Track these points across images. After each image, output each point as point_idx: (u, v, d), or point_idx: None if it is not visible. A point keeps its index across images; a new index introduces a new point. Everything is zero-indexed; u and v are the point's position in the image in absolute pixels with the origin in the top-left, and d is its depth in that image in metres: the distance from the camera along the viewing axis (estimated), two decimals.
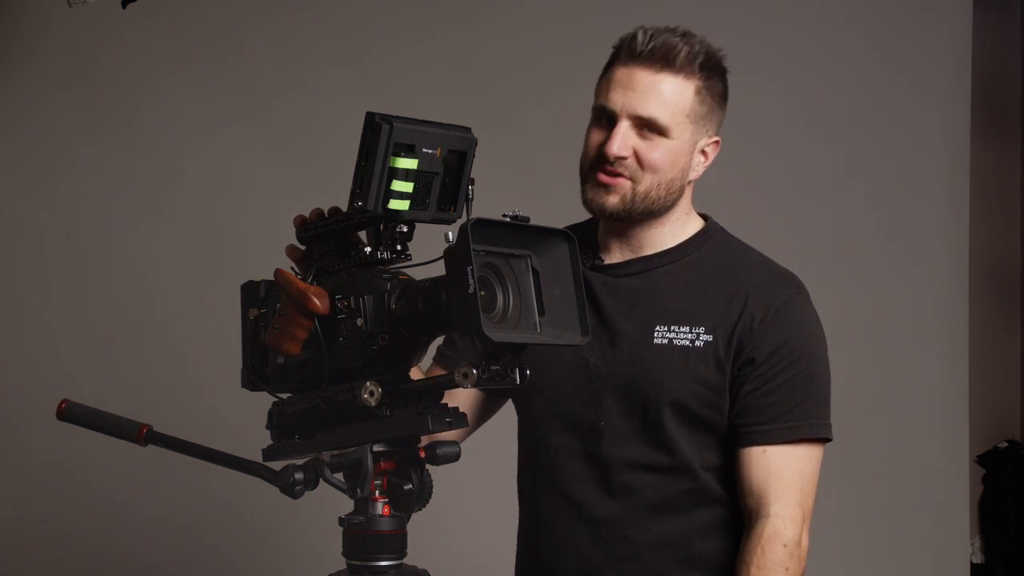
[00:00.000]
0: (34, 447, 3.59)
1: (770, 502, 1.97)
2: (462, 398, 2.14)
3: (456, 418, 1.80)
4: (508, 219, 1.73)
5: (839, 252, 3.98)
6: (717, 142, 2.08)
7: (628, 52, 2.00)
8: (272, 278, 1.84)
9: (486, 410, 2.25)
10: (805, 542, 1.98)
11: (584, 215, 2.16)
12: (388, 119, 1.71)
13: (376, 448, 1.79)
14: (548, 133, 3.81)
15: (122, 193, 3.67)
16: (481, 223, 1.67)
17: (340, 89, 3.70)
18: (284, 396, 1.90)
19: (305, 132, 3.71)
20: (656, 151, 1.99)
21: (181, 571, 3.63)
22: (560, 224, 1.79)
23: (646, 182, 1.99)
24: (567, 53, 3.80)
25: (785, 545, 1.95)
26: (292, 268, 1.84)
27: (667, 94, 1.98)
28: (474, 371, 1.67)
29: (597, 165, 2.01)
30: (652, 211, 2.03)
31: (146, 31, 3.65)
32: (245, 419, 2.34)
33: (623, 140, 1.98)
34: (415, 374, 2.10)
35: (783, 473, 1.98)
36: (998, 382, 5.41)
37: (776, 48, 3.97)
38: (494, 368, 1.70)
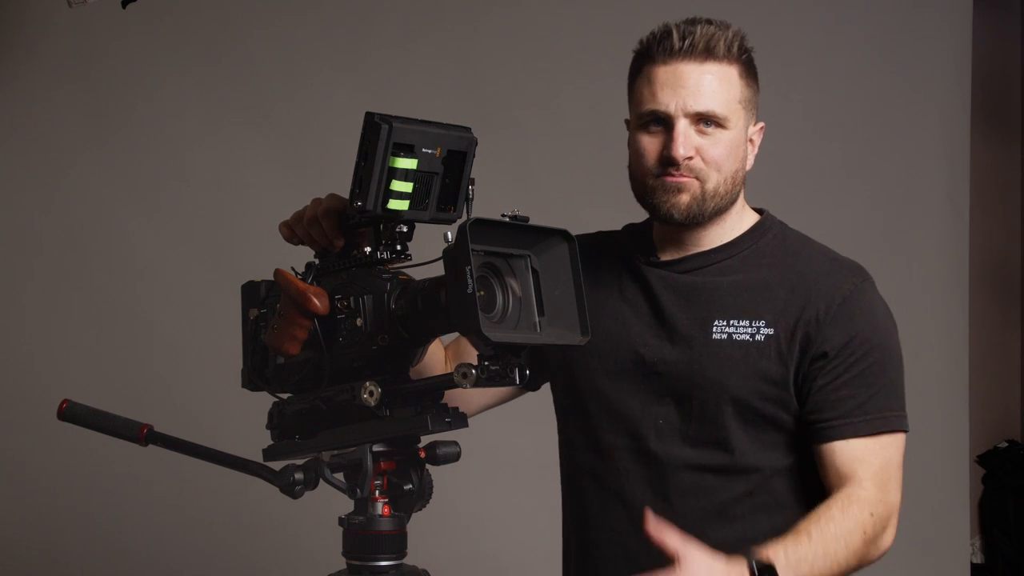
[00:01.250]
0: (34, 447, 3.59)
1: (862, 479, 1.90)
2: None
3: (456, 418, 1.79)
4: (507, 219, 1.73)
5: (839, 252, 3.97)
6: (762, 128, 2.04)
7: (664, 50, 1.93)
8: (272, 278, 1.84)
9: (503, 395, 2.20)
10: (888, 539, 1.93)
11: (605, 222, 2.14)
12: (387, 119, 1.71)
13: (376, 448, 1.79)
14: (548, 133, 3.81)
15: (122, 193, 3.67)
16: (480, 223, 1.66)
17: (340, 89, 3.70)
18: (284, 396, 1.90)
19: (305, 132, 3.71)
20: (718, 146, 1.93)
21: (181, 571, 3.63)
22: (562, 224, 1.79)
23: (713, 179, 1.94)
24: (568, 53, 3.80)
25: (872, 515, 1.88)
26: (292, 268, 1.84)
27: (718, 84, 1.93)
28: (473, 371, 1.67)
29: (660, 171, 1.94)
30: (721, 208, 1.97)
31: (146, 31, 3.65)
32: (245, 419, 2.34)
33: (686, 140, 1.92)
34: (436, 348, 2.08)
35: (868, 459, 1.91)
36: (998, 382, 5.41)
37: (776, 48, 3.96)
38: (494, 368, 1.69)
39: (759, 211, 2.09)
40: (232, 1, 3.75)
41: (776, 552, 1.78)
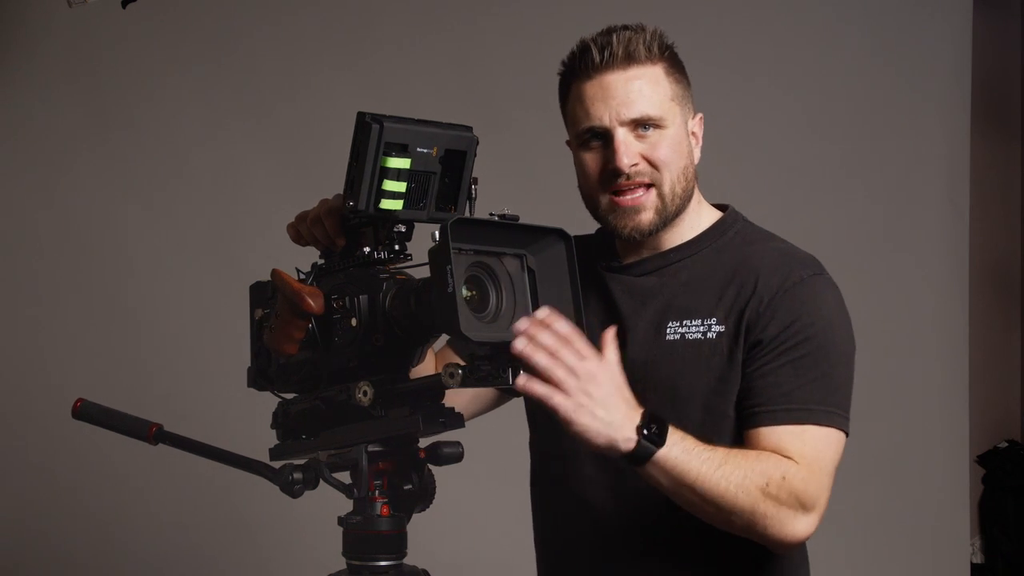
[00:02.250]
0: (33, 445, 3.59)
1: (790, 456, 1.82)
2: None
3: (451, 419, 1.78)
4: (496, 218, 1.72)
5: (839, 252, 3.95)
6: (701, 118, 2.03)
7: (587, 66, 1.94)
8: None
9: (486, 401, 2.20)
10: (800, 527, 1.81)
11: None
12: (379, 119, 1.71)
13: (374, 448, 1.78)
14: (549, 133, 3.80)
15: (122, 193, 3.67)
16: (463, 222, 1.66)
17: (340, 89, 3.70)
18: (288, 396, 1.90)
19: (305, 132, 3.71)
20: (661, 146, 1.93)
21: (181, 570, 3.63)
22: (563, 224, 1.78)
23: (666, 181, 1.93)
24: (568, 52, 3.80)
25: (785, 478, 1.79)
26: (297, 268, 1.84)
27: (646, 87, 1.92)
28: (460, 371, 1.66)
29: (609, 185, 1.94)
30: (682, 207, 1.97)
31: (146, 31, 3.65)
32: (249, 418, 2.34)
33: (627, 149, 1.91)
34: (428, 356, 2.06)
35: (794, 447, 1.84)
36: (998, 382, 5.41)
37: (776, 48, 3.97)
38: (484, 368, 1.68)
39: (723, 207, 2.07)
40: (232, 1, 3.75)
41: (676, 430, 1.75)
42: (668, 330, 1.96)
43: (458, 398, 2.04)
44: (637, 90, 1.92)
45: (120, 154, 3.67)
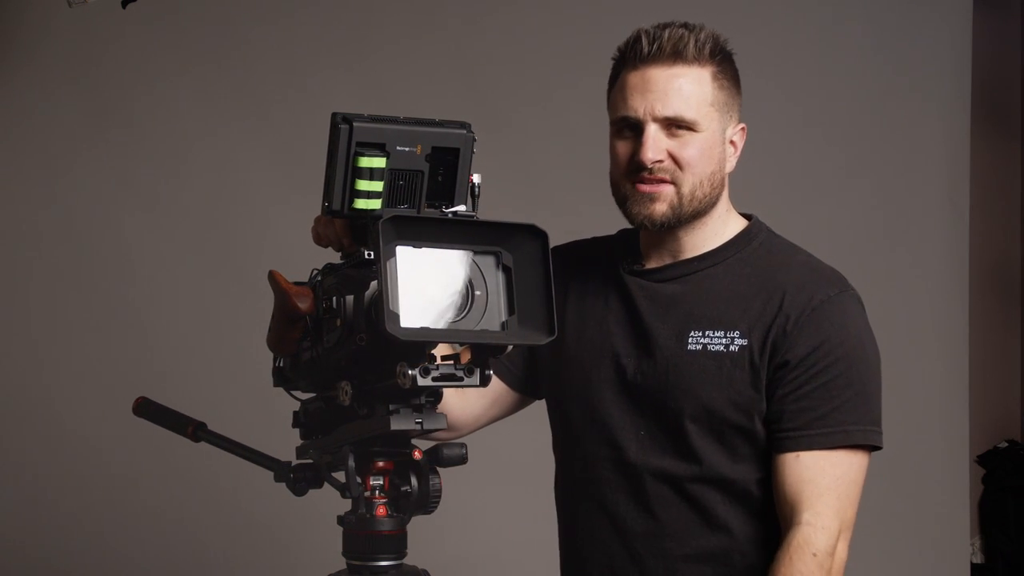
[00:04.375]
0: (25, 447, 3.59)
1: (803, 509, 1.88)
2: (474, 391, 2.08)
3: (430, 419, 1.73)
4: (450, 215, 1.71)
5: (839, 252, 3.94)
6: (743, 129, 2.02)
7: (635, 56, 1.94)
8: (311, 278, 1.84)
9: (507, 404, 2.19)
10: (841, 554, 1.90)
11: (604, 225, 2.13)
12: (349, 118, 1.71)
13: (357, 448, 1.77)
14: (549, 132, 3.81)
15: (122, 193, 3.67)
16: (397, 220, 1.64)
17: (340, 89, 3.70)
18: (303, 396, 1.91)
19: (305, 132, 3.71)
20: (689, 147, 1.93)
21: (181, 569, 3.63)
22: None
23: (688, 182, 1.93)
24: (568, 52, 3.81)
25: (815, 555, 1.87)
26: (313, 269, 1.84)
27: (687, 87, 1.92)
28: (409, 371, 1.64)
29: (633, 176, 1.94)
30: (700, 210, 1.96)
31: (146, 31, 3.64)
32: (254, 417, 2.35)
33: (655, 144, 1.92)
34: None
35: (817, 480, 1.89)
36: (998, 382, 5.41)
37: (777, 48, 3.97)
38: (444, 369, 1.65)
39: (748, 216, 2.07)
40: (232, 1, 3.75)
41: None
42: (690, 340, 1.95)
43: (481, 400, 2.07)
44: (676, 89, 1.92)
45: (120, 154, 3.67)
